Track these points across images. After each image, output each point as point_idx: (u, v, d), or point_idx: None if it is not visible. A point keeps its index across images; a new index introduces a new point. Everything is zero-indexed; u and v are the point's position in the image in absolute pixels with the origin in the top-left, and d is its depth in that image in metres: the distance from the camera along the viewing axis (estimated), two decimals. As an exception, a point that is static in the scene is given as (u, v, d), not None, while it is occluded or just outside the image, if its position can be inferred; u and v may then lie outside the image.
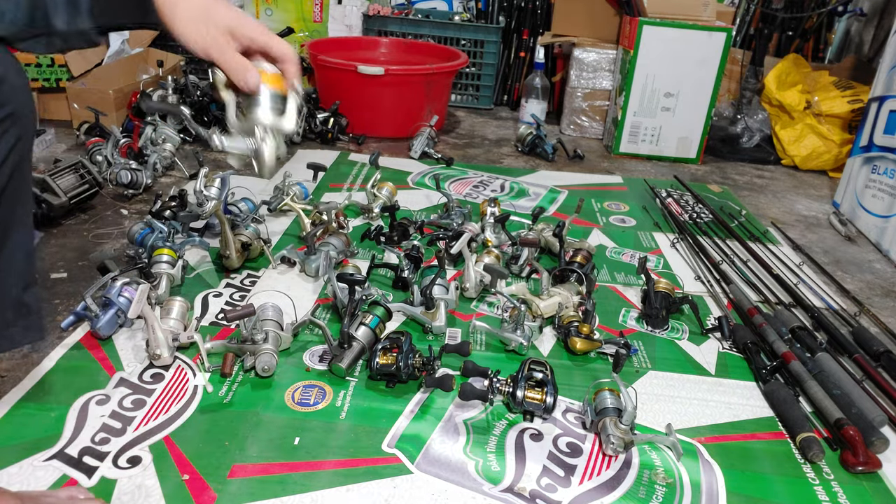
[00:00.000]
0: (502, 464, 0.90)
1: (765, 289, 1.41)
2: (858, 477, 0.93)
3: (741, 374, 1.14)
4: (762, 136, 2.48)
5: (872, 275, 1.60)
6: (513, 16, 2.81)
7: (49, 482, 0.81)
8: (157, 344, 1.01)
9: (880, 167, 1.83)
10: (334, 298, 1.21)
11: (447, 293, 1.22)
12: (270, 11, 2.76)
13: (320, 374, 1.05)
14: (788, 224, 1.87)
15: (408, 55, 2.60)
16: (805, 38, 2.85)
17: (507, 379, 0.99)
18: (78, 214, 1.54)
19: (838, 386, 1.05)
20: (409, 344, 1.03)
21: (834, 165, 2.33)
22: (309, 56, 2.33)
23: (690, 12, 2.20)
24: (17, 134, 0.67)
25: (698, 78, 2.23)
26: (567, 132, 2.56)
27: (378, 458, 0.89)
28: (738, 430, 1.00)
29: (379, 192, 1.65)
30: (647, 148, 2.34)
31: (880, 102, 1.88)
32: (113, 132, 1.75)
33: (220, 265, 1.34)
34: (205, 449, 0.88)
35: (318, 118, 2.20)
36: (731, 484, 0.90)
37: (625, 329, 1.24)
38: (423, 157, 2.12)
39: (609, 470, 0.90)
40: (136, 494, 0.80)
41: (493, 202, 1.57)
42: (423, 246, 1.44)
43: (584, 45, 2.43)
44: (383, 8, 2.72)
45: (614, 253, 1.57)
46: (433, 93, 2.30)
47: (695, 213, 1.81)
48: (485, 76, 2.78)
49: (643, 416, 1.01)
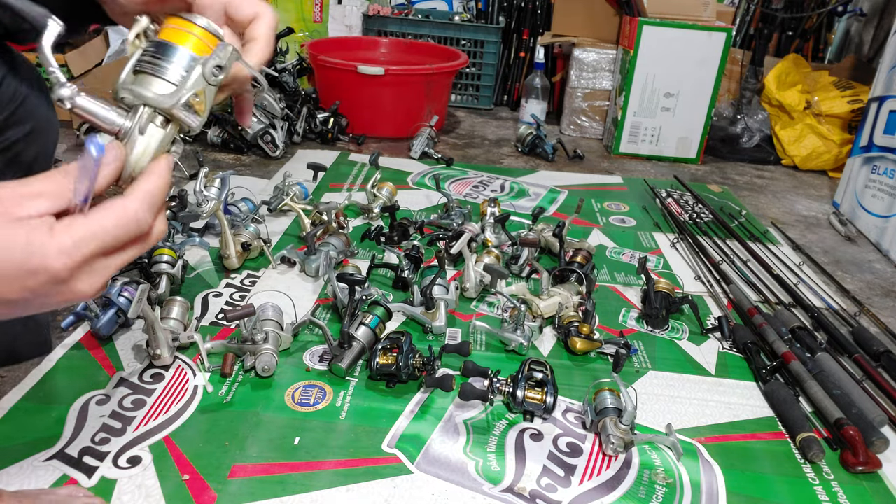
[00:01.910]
0: (502, 464, 0.90)
1: (765, 289, 1.41)
2: (858, 477, 0.93)
3: (741, 374, 1.14)
4: (762, 136, 2.48)
5: (872, 275, 1.60)
6: (513, 16, 2.81)
7: (49, 482, 0.81)
8: (157, 344, 1.01)
9: (880, 167, 1.83)
10: (334, 298, 1.21)
11: (447, 293, 1.22)
12: (270, 11, 2.76)
13: (320, 374, 1.05)
14: (788, 224, 1.87)
15: (408, 55, 2.60)
16: (805, 38, 2.85)
17: (507, 379, 0.99)
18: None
19: (838, 386, 1.05)
20: (409, 344, 1.03)
21: (834, 165, 2.33)
22: (309, 56, 2.33)
23: (690, 12, 2.20)
24: (37, 149, 0.66)
25: (698, 78, 2.23)
26: (567, 132, 2.56)
27: (378, 458, 0.89)
28: (738, 430, 1.00)
29: (379, 192, 1.65)
30: (647, 148, 2.34)
31: (880, 102, 1.88)
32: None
33: (220, 265, 1.34)
34: (205, 449, 0.88)
35: (318, 118, 2.20)
36: (731, 484, 0.90)
37: (625, 329, 1.24)
38: (423, 157, 2.12)
39: (609, 470, 0.90)
40: (136, 494, 0.80)
41: (493, 202, 1.57)
42: (423, 246, 1.44)
43: (584, 45, 2.43)
44: (383, 8, 2.72)
45: (614, 253, 1.57)
46: (433, 93, 2.30)
47: (695, 213, 1.81)
48: (485, 76, 2.78)
49: (643, 416, 1.01)
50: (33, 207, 0.40)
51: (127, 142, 0.47)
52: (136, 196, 0.43)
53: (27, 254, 0.39)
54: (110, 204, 0.42)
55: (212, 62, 0.48)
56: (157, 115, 0.48)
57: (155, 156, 0.47)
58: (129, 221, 0.42)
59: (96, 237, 0.41)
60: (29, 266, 0.39)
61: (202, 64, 0.48)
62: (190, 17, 0.50)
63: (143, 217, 0.43)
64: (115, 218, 0.42)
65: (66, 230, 0.40)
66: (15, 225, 0.39)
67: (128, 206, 0.42)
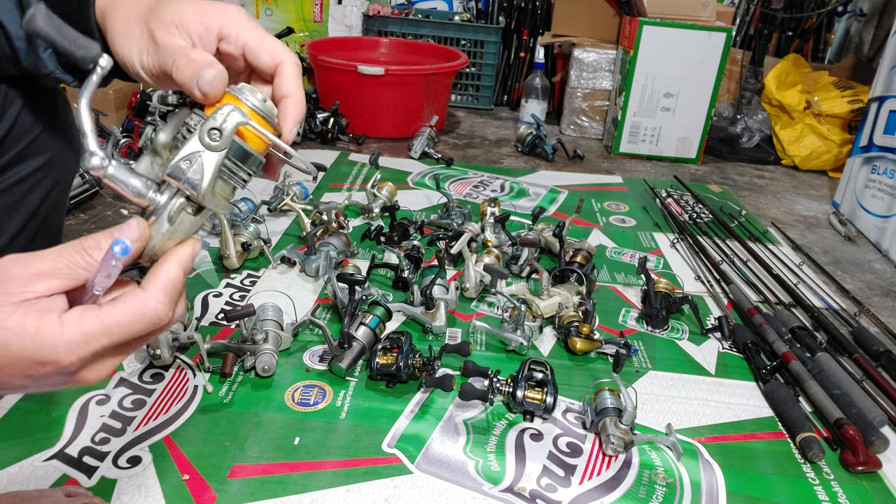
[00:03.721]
0: (502, 464, 0.90)
1: (765, 289, 1.41)
2: (858, 477, 0.93)
3: (741, 374, 1.14)
4: (762, 136, 2.48)
5: (872, 275, 1.60)
6: (513, 16, 2.81)
7: (49, 482, 0.81)
8: (156, 344, 1.01)
9: (880, 167, 1.83)
10: (334, 298, 1.21)
11: (447, 293, 1.22)
12: (270, 11, 2.76)
13: (320, 374, 1.05)
14: (788, 224, 1.87)
15: (408, 55, 2.60)
16: (805, 38, 2.85)
17: (507, 379, 0.99)
18: (78, 214, 1.54)
19: (838, 386, 1.05)
20: (409, 344, 1.03)
21: (834, 165, 2.33)
22: (309, 56, 2.33)
23: (690, 12, 2.20)
24: (53, 181, 0.64)
25: (698, 78, 2.23)
26: (567, 132, 2.56)
27: (378, 458, 0.89)
28: (738, 430, 1.00)
29: (379, 192, 1.65)
30: (647, 148, 2.34)
31: (880, 102, 1.88)
32: (113, 132, 1.75)
33: (220, 265, 1.34)
34: (205, 449, 0.88)
35: (318, 118, 2.20)
36: (731, 484, 0.90)
37: (625, 329, 1.24)
38: (423, 157, 2.12)
39: (609, 470, 0.90)
40: (136, 494, 0.80)
41: (493, 202, 1.57)
42: (423, 246, 1.44)
43: (584, 46, 2.43)
44: (383, 8, 2.72)
45: (614, 253, 1.57)
46: (433, 93, 2.30)
47: (695, 214, 1.81)
48: (485, 76, 2.78)
49: (643, 416, 1.01)
50: (43, 286, 0.38)
51: (154, 222, 0.44)
52: (157, 289, 0.40)
53: (36, 346, 0.37)
54: (128, 298, 0.40)
55: (258, 159, 0.45)
56: (189, 204, 0.45)
57: (181, 240, 0.45)
58: (146, 318, 0.40)
59: (109, 333, 0.39)
60: (37, 357, 0.38)
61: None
62: (253, 94, 0.44)
63: (162, 312, 0.40)
64: (132, 315, 0.39)
65: (77, 323, 0.38)
66: (25, 310, 0.37)
67: (147, 302, 0.40)
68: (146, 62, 0.45)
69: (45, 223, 0.66)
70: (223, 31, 0.45)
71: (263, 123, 0.44)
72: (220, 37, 0.45)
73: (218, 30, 0.45)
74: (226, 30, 0.45)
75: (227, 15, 0.45)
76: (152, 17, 0.45)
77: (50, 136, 0.62)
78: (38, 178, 0.63)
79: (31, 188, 0.62)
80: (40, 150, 0.62)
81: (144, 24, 0.45)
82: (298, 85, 0.47)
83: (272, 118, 0.45)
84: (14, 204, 0.61)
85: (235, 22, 0.46)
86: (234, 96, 0.44)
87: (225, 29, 0.45)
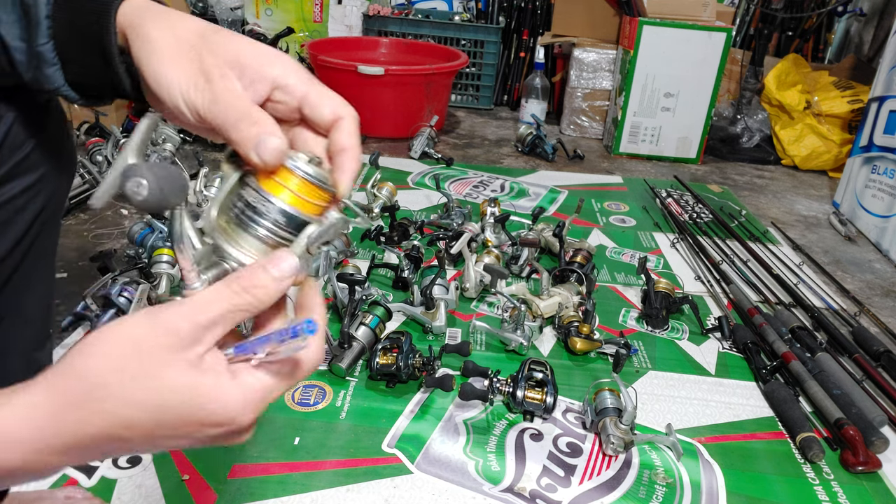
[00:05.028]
0: (502, 464, 0.90)
1: (765, 289, 1.41)
2: (858, 477, 0.93)
3: (741, 374, 1.14)
4: (762, 136, 2.48)
5: (872, 275, 1.60)
6: (513, 16, 2.81)
7: (49, 482, 0.81)
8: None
9: (880, 167, 1.83)
10: (334, 298, 1.21)
11: (447, 293, 1.22)
12: (270, 11, 2.76)
13: (320, 374, 1.05)
14: (788, 224, 1.87)
15: (408, 55, 2.60)
16: (805, 38, 2.85)
17: (507, 379, 0.99)
18: (78, 214, 1.54)
19: (838, 386, 1.05)
20: (409, 344, 1.03)
21: (834, 165, 2.33)
22: (309, 56, 2.33)
23: (690, 12, 2.20)
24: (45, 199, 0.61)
25: (698, 78, 2.23)
26: (567, 132, 2.56)
27: (378, 458, 0.89)
28: (738, 430, 1.00)
29: (379, 192, 1.64)
30: (647, 148, 2.34)
31: (880, 102, 1.88)
32: (113, 132, 1.75)
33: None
34: (205, 449, 0.88)
35: (318, 118, 2.20)
36: (731, 484, 0.90)
37: (625, 329, 1.24)
38: (423, 157, 2.12)
39: (609, 470, 0.90)
40: (136, 494, 0.80)
41: (493, 202, 1.56)
42: (423, 246, 1.44)
43: (584, 45, 2.43)
44: (383, 8, 2.72)
45: (614, 253, 1.57)
46: (433, 93, 2.30)
47: (695, 213, 1.81)
48: (485, 76, 2.78)
49: (643, 416, 1.01)
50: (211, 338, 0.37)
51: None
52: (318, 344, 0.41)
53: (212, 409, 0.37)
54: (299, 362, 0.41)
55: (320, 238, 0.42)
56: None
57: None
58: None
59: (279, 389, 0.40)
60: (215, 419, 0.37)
61: (308, 236, 0.41)
62: (295, 165, 0.41)
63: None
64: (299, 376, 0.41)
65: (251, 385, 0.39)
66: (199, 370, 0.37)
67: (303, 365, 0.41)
68: (194, 99, 0.41)
69: (36, 244, 0.62)
70: (279, 82, 0.43)
71: (319, 193, 0.42)
72: (274, 86, 0.43)
73: (274, 79, 0.43)
74: (282, 80, 0.43)
75: (284, 64, 0.43)
76: (206, 48, 0.42)
77: (42, 152, 0.58)
78: (29, 197, 0.59)
79: (21, 207, 0.59)
80: (31, 168, 0.58)
81: (196, 52, 0.42)
82: (357, 140, 0.45)
83: (326, 181, 0.42)
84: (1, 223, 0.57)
85: (294, 73, 0.44)
86: (288, 169, 0.41)
87: (282, 80, 0.43)
